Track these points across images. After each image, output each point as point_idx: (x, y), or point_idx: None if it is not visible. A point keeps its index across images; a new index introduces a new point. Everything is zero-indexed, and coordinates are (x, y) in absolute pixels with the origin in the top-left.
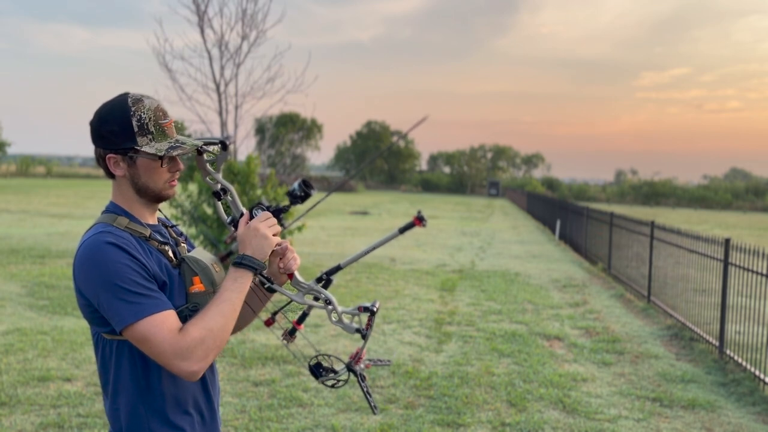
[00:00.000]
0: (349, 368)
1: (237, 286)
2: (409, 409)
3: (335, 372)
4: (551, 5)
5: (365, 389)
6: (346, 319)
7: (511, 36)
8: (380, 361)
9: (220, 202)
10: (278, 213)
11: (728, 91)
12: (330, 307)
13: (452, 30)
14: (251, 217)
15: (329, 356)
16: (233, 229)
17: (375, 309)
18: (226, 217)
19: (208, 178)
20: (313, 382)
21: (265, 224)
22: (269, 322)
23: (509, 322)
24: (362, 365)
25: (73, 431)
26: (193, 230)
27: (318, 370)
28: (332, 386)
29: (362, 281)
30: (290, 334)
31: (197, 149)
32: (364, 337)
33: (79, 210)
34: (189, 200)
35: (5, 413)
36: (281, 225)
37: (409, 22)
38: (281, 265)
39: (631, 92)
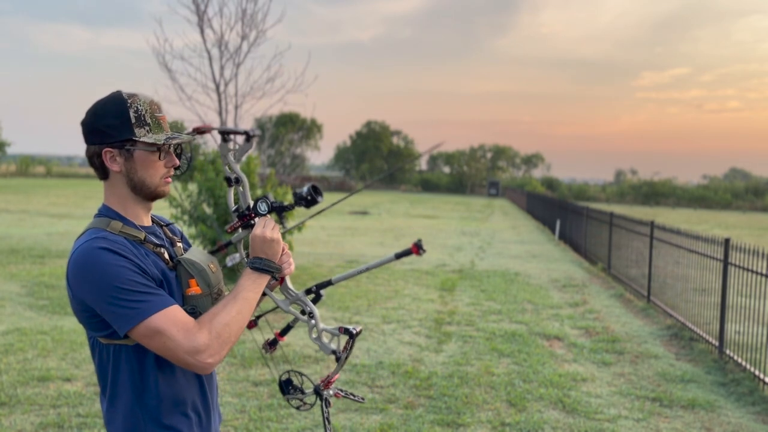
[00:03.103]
0: (317, 391)
1: (255, 287)
2: (408, 409)
3: (303, 393)
4: (551, 5)
5: (325, 415)
6: (325, 338)
7: (511, 36)
8: (353, 396)
9: (231, 189)
10: (281, 210)
11: (728, 91)
12: (312, 322)
13: (452, 30)
14: (255, 208)
15: (302, 375)
16: (236, 218)
17: (355, 332)
18: (233, 205)
19: (226, 166)
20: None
21: (268, 227)
22: (251, 325)
23: (509, 322)
24: (331, 391)
25: (72, 431)
26: (193, 230)
27: (287, 387)
28: (297, 408)
29: (362, 281)
30: (271, 344)
31: (223, 136)
32: (338, 359)
33: (78, 210)
34: (189, 200)
35: (5, 413)
36: (281, 223)
37: (409, 22)
38: None
39: (631, 92)
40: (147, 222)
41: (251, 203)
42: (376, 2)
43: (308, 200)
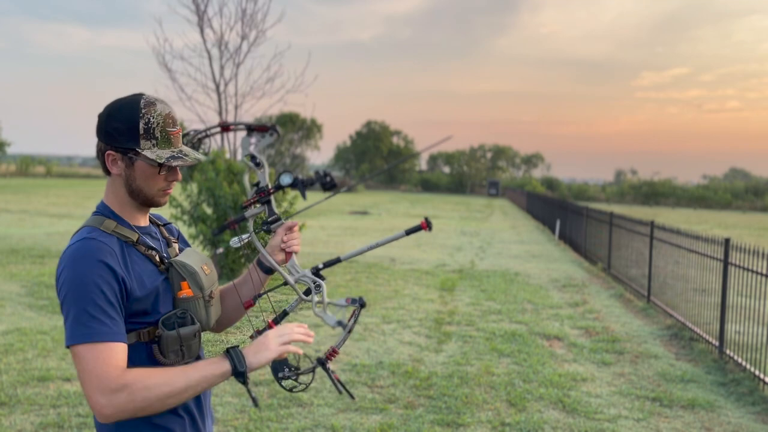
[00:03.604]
0: (321, 362)
1: (209, 375)
2: (408, 409)
3: (298, 370)
4: (551, 5)
5: (333, 377)
6: (329, 311)
7: (511, 36)
8: (345, 387)
9: (249, 172)
10: (304, 184)
11: (728, 91)
12: (316, 298)
13: (452, 30)
14: (278, 179)
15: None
16: (254, 193)
17: (363, 302)
18: (248, 185)
19: (245, 157)
20: (314, 382)
21: (283, 339)
22: (249, 304)
23: (509, 321)
24: (331, 365)
25: (72, 431)
26: (192, 230)
27: (281, 366)
28: (290, 390)
29: (362, 281)
30: (261, 333)
31: (247, 129)
32: (345, 328)
33: (78, 210)
34: (189, 200)
35: (5, 413)
36: (303, 196)
37: (409, 21)
38: (285, 239)
39: (631, 92)
40: (144, 222)
41: (269, 184)
42: (376, 2)
43: (326, 182)
